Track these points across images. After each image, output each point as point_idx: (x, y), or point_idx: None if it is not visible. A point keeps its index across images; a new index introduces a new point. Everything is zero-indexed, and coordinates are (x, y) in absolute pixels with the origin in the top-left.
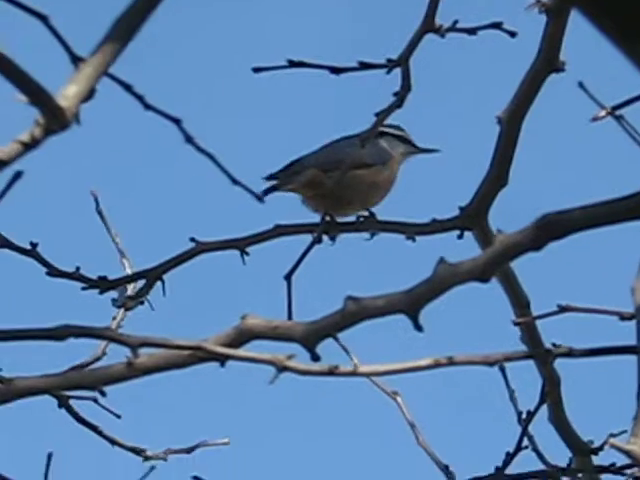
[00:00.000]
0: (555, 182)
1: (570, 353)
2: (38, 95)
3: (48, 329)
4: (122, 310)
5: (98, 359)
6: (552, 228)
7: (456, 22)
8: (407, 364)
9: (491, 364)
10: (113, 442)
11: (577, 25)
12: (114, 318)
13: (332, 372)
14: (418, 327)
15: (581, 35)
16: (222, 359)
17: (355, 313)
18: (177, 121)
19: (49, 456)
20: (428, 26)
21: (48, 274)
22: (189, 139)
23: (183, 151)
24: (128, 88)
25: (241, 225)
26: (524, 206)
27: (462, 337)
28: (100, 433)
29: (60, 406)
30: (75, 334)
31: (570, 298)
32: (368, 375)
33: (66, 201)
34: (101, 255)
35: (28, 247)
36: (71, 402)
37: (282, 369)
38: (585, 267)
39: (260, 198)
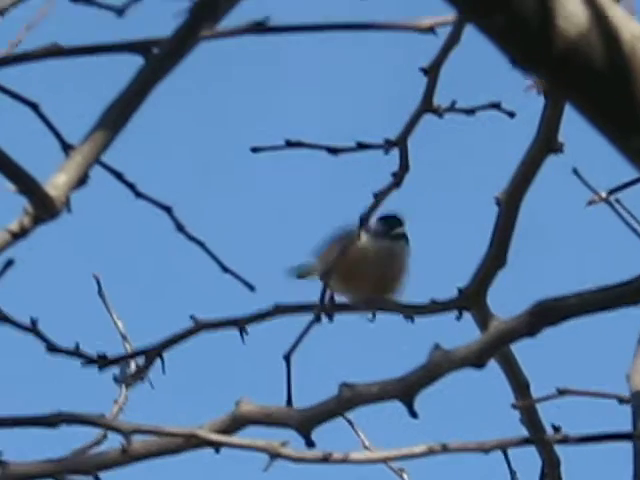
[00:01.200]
0: (554, 262)
1: (566, 440)
2: (27, 184)
3: (40, 417)
4: (124, 390)
5: (99, 442)
6: (547, 314)
7: (454, 102)
8: (401, 451)
9: (486, 451)
10: None
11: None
12: (115, 401)
13: (326, 459)
14: (413, 413)
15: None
16: (216, 446)
17: (350, 399)
18: (168, 209)
19: None
20: (426, 106)
21: (48, 350)
22: (180, 227)
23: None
24: (119, 176)
25: (241, 304)
26: (523, 287)
27: (463, 419)
28: None
29: None
30: (67, 421)
31: (568, 379)
32: (362, 462)
33: (64, 284)
34: (101, 335)
35: (28, 324)
36: None
37: (276, 456)
38: (582, 348)
39: (251, 286)
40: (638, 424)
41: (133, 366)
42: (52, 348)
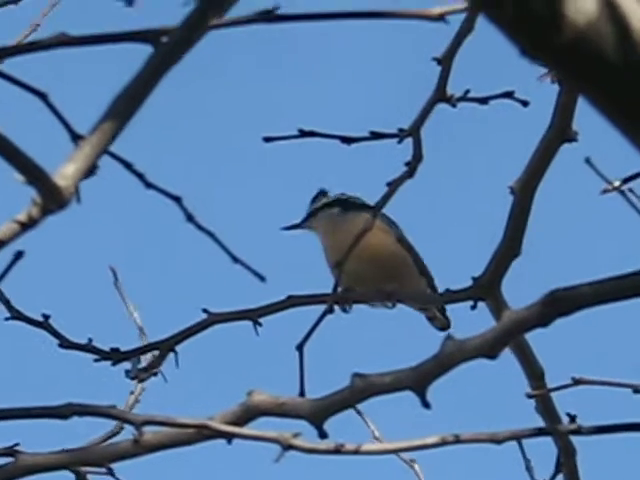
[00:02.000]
0: (568, 251)
1: (579, 430)
2: (35, 174)
3: (52, 407)
4: (139, 384)
5: (115, 435)
6: (560, 304)
7: (467, 92)
8: (413, 442)
9: (498, 442)
10: None
11: None
12: (132, 392)
13: (338, 450)
14: (425, 404)
15: None
16: (227, 437)
17: (363, 390)
18: (177, 199)
19: None
20: (440, 96)
21: (60, 346)
22: (190, 217)
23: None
24: (128, 166)
25: (254, 295)
26: (537, 276)
27: (478, 409)
28: None
29: None
30: (78, 412)
31: (583, 368)
32: (374, 454)
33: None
34: (114, 328)
35: (40, 319)
36: (88, 477)
37: (287, 447)
38: (597, 335)
39: (261, 277)
40: None
41: (146, 360)
42: (65, 344)
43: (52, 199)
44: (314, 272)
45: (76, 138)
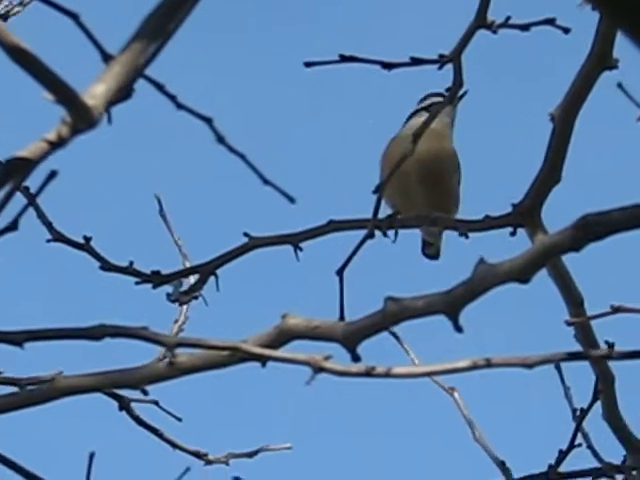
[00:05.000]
0: (608, 178)
1: (610, 355)
2: (65, 93)
3: (83, 329)
4: (180, 307)
5: (160, 360)
6: (591, 229)
7: (509, 18)
8: (444, 366)
9: (529, 366)
10: (174, 445)
11: None
12: (176, 321)
13: (369, 373)
14: (458, 328)
15: None
16: (259, 359)
17: (395, 314)
18: (209, 120)
19: (91, 456)
20: (480, 22)
21: (101, 268)
22: (220, 139)
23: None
24: (160, 88)
25: (296, 220)
26: (577, 203)
27: (521, 337)
28: (161, 436)
29: (121, 409)
30: (110, 334)
31: (624, 295)
32: (404, 377)
33: (111, 200)
34: (156, 254)
35: (81, 241)
36: (132, 405)
37: (319, 370)
38: (632, 264)
39: (291, 199)
40: None
41: (187, 284)
42: (106, 266)
43: (81, 118)
44: (353, 197)
45: (108, 59)
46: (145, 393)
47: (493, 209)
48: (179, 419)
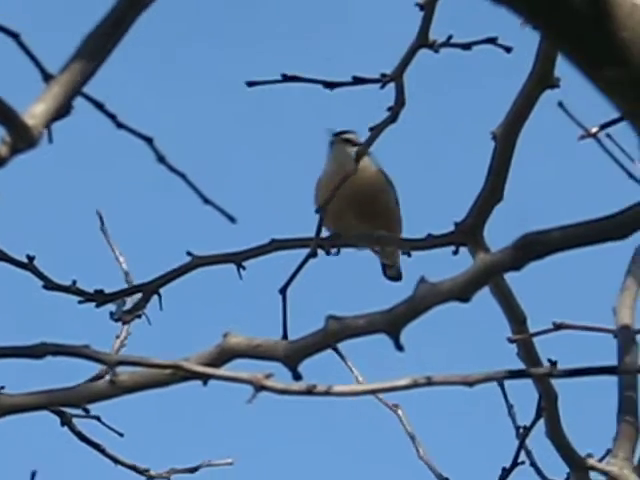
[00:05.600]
0: (550, 196)
1: (551, 373)
2: (4, 113)
3: (25, 347)
4: (124, 325)
5: (102, 377)
6: (532, 248)
7: (450, 37)
8: (385, 384)
9: (470, 384)
10: (116, 461)
11: None
12: (117, 336)
13: (310, 391)
14: (399, 347)
15: None
16: (201, 378)
17: (337, 332)
18: (149, 140)
19: (33, 475)
20: (422, 41)
21: (45, 287)
22: (161, 158)
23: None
24: (100, 107)
25: (238, 239)
26: (521, 221)
27: (463, 354)
28: (103, 452)
29: (63, 424)
30: (52, 352)
31: (559, 313)
32: (345, 395)
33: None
34: (98, 272)
35: (25, 260)
36: (73, 421)
37: (260, 388)
38: (572, 282)
39: (232, 218)
40: (624, 358)
41: (130, 302)
42: (49, 285)
43: (21, 138)
44: (293, 216)
45: (48, 79)
46: (87, 411)
47: (435, 228)
48: (121, 434)
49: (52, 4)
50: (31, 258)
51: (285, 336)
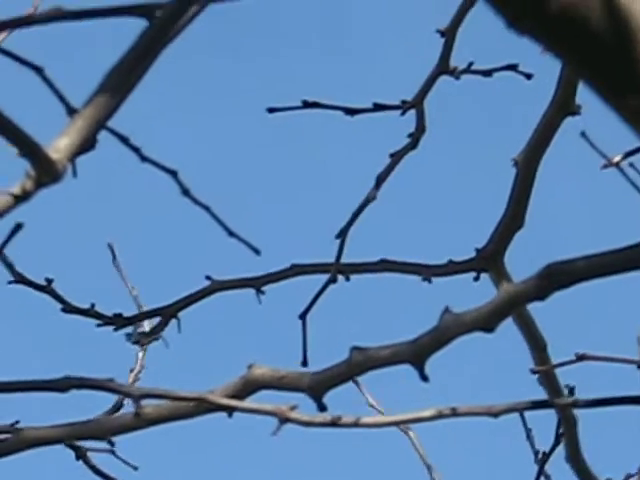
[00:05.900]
0: (572, 223)
1: (575, 404)
2: (29, 147)
3: (49, 381)
4: (141, 348)
5: (119, 408)
6: (556, 278)
7: (471, 64)
8: (410, 415)
9: (495, 415)
10: None
11: None
12: (132, 369)
13: (335, 423)
14: (424, 377)
15: None
16: (225, 410)
17: (361, 363)
18: (173, 173)
19: None
20: (443, 68)
21: (63, 310)
22: (185, 192)
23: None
24: (125, 140)
25: (257, 264)
26: (541, 248)
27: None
28: None
29: (77, 458)
30: (76, 386)
31: (583, 341)
32: (371, 427)
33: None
34: (115, 302)
35: (43, 283)
36: (88, 454)
37: (285, 420)
38: (603, 309)
39: (257, 250)
40: None
41: (148, 326)
42: (68, 308)
43: (45, 172)
44: (314, 242)
45: (72, 112)
46: (112, 444)
47: (456, 254)
48: (135, 468)
49: (75, 37)
50: (50, 281)
51: (305, 361)
